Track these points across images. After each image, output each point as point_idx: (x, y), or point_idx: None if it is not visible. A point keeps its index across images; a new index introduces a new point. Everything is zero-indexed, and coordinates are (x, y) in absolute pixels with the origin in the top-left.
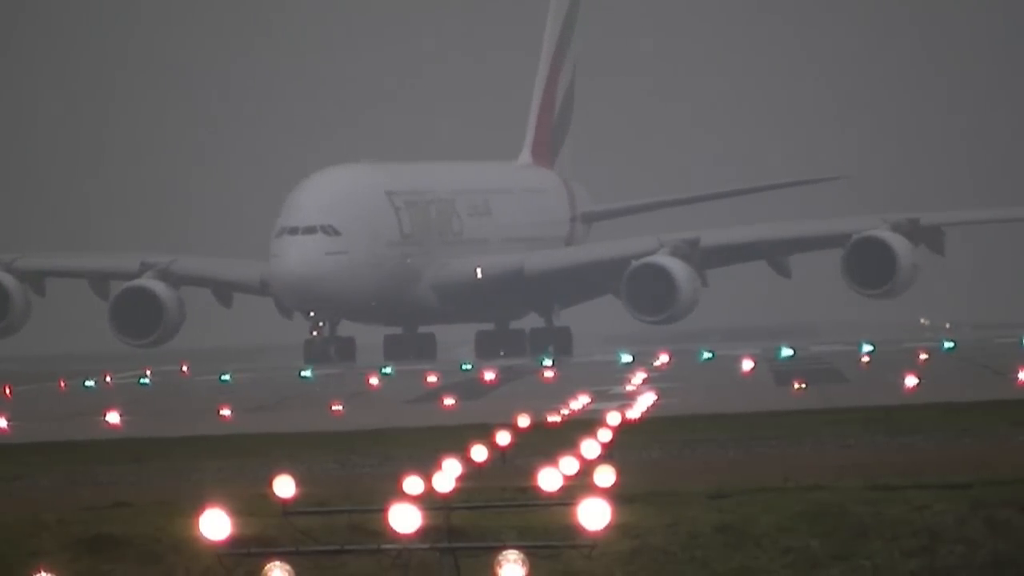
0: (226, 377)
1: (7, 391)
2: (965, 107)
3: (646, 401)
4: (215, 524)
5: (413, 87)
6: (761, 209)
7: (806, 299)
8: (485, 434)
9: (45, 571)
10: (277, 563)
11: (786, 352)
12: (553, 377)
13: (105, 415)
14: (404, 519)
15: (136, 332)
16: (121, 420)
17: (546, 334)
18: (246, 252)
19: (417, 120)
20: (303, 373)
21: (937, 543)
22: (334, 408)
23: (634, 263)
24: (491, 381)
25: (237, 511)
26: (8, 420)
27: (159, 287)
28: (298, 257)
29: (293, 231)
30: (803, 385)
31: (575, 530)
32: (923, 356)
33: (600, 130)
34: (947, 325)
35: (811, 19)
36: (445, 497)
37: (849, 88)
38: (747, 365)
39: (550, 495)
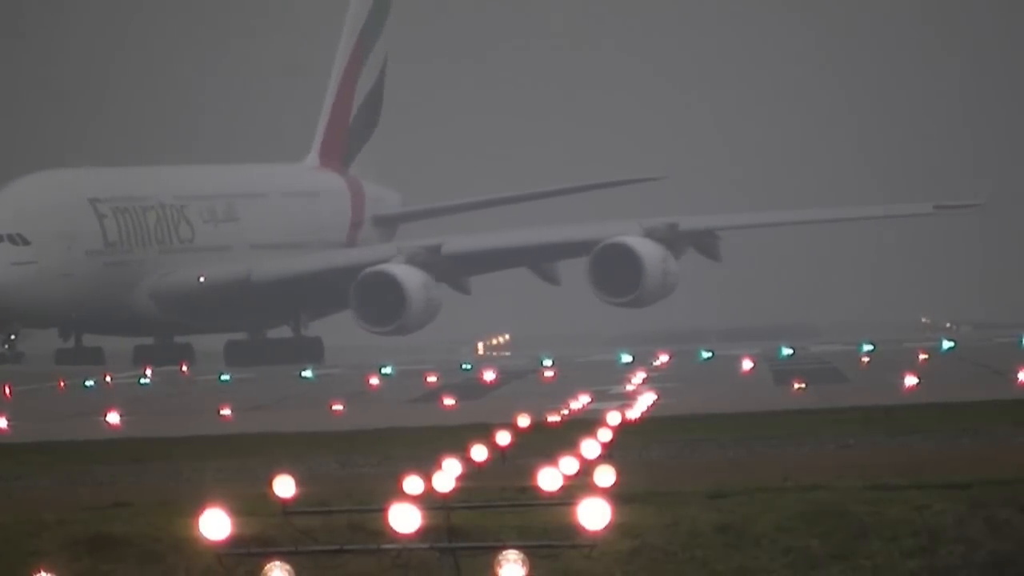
0: (226, 377)
1: (7, 391)
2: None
3: (646, 401)
4: (215, 524)
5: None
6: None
7: (807, 298)
8: (485, 434)
9: (45, 571)
10: (277, 563)
11: (786, 352)
12: (553, 377)
13: (105, 415)
14: (404, 519)
15: None
16: (121, 420)
17: (294, 344)
18: None
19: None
20: (303, 373)
21: (937, 543)
22: (334, 408)
23: (366, 270)
24: (491, 381)
25: (237, 511)
26: (8, 420)
27: None
28: None
29: None
30: (803, 385)
31: (575, 530)
32: (923, 356)
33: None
34: (947, 325)
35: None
36: (445, 497)
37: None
38: (747, 365)
39: (550, 495)
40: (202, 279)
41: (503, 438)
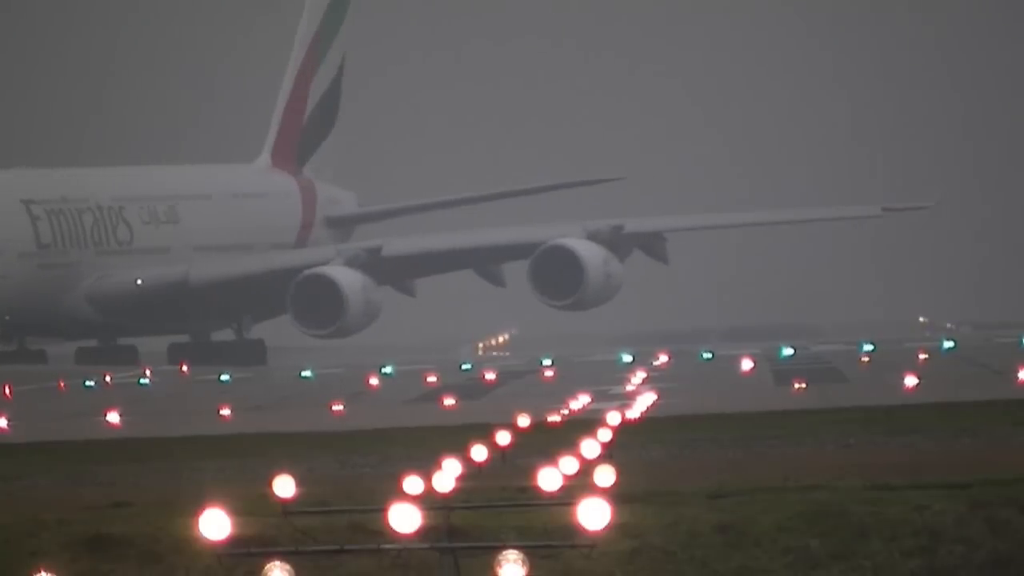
0: (226, 377)
1: (7, 391)
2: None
3: (646, 401)
4: (215, 524)
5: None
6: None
7: (807, 298)
8: (485, 434)
9: (45, 571)
10: (277, 563)
11: (786, 352)
12: (553, 377)
13: (105, 415)
14: (404, 519)
15: None
16: (121, 420)
17: (236, 347)
18: None
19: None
20: (303, 373)
21: (937, 543)
22: (334, 408)
23: (304, 273)
24: (491, 381)
25: (237, 511)
26: (8, 420)
27: None
28: None
29: None
30: (803, 385)
31: (575, 530)
32: (923, 356)
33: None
34: (947, 325)
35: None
36: (445, 497)
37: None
38: (747, 365)
39: (550, 495)
40: (139, 281)
41: (503, 438)
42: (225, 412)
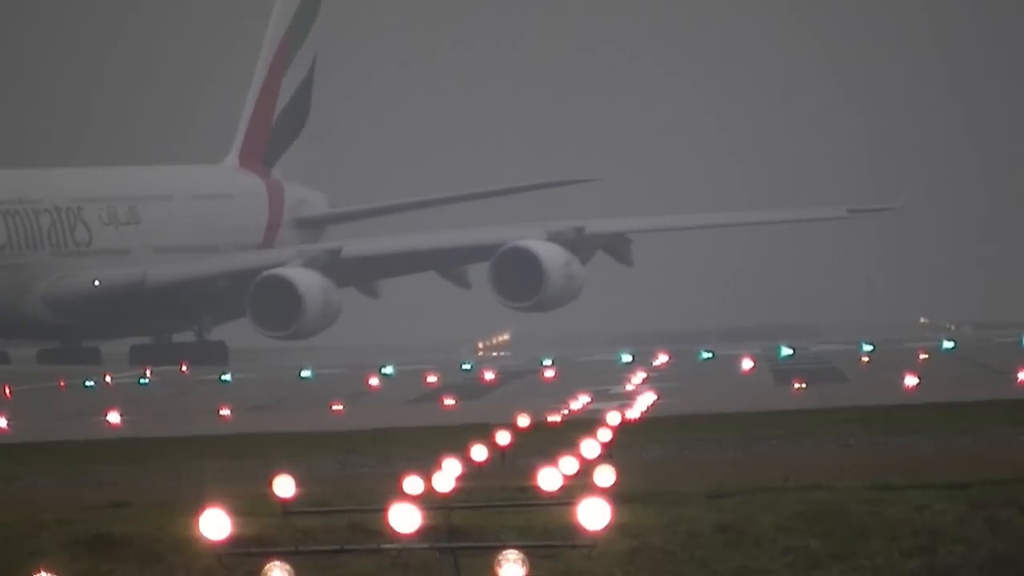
0: (226, 377)
1: (7, 391)
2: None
3: (646, 401)
4: (215, 524)
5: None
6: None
7: (807, 298)
8: (485, 434)
9: (45, 571)
10: (277, 563)
11: (786, 352)
12: (553, 377)
13: (105, 415)
14: (404, 519)
15: None
16: (121, 420)
17: (197, 348)
18: None
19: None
20: (303, 373)
21: (937, 543)
22: (334, 408)
23: (263, 274)
24: (491, 381)
25: (237, 511)
26: (8, 420)
27: None
28: None
29: None
30: (803, 385)
31: (575, 530)
32: (923, 356)
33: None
34: (947, 325)
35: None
36: (445, 497)
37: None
38: (747, 365)
39: (550, 495)
40: (97, 283)
41: (503, 438)
42: (225, 412)
